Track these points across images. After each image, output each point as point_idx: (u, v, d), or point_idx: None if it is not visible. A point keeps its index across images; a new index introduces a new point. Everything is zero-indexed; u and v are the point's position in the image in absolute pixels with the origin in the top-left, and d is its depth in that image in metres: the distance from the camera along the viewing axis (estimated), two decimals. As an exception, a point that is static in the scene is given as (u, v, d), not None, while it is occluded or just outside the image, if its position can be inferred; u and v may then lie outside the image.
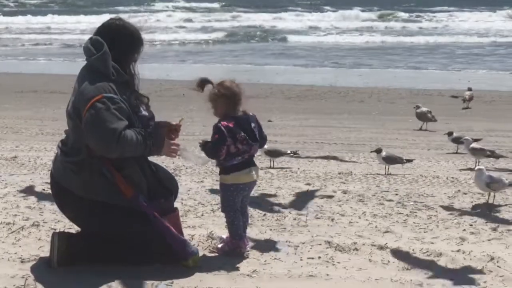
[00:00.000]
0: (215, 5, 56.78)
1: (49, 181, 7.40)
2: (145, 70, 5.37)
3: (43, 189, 7.20)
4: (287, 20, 46.63)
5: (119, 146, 4.65)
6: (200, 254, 5.18)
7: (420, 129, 13.48)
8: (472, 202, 7.02)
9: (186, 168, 8.54)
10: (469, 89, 16.83)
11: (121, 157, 4.75)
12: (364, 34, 38.81)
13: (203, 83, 5.15)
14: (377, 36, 37.89)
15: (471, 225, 6.19)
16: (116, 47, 4.89)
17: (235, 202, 5.21)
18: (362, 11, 50.06)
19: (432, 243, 5.65)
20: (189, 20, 45.96)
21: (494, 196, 6.99)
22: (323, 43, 35.05)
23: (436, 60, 27.61)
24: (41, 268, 4.87)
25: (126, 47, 4.96)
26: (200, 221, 6.18)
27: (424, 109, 13.62)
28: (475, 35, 37.92)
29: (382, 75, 22.88)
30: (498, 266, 5.04)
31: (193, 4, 56.48)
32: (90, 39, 4.94)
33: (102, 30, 4.98)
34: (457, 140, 10.19)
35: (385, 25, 43.26)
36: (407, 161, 8.81)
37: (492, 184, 6.78)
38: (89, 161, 4.78)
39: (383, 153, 8.62)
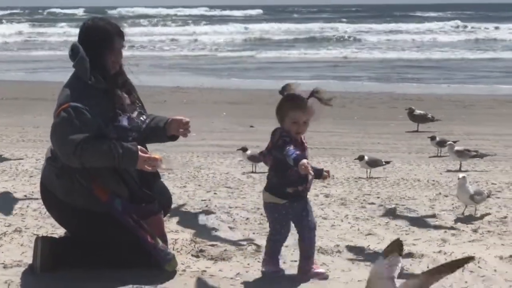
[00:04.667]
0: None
1: (30, 187, 7.44)
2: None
3: (25, 196, 7.18)
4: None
5: (76, 157, 4.62)
6: (184, 258, 5.20)
7: (417, 131, 13.58)
8: (452, 204, 7.07)
9: (169, 173, 8.54)
10: None
11: (86, 166, 4.71)
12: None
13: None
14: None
15: (452, 227, 6.24)
16: (91, 48, 4.82)
17: None
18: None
19: (414, 244, 5.69)
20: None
21: (476, 209, 6.71)
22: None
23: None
24: (24, 274, 4.85)
25: (98, 46, 4.83)
26: (183, 225, 6.19)
27: (421, 111, 13.82)
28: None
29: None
30: (479, 267, 5.09)
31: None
32: (72, 45, 4.93)
33: (79, 34, 4.95)
34: (442, 144, 10.31)
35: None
36: (386, 163, 8.91)
37: (475, 197, 6.55)
38: (68, 167, 4.77)
39: (366, 158, 8.69)
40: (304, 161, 4.42)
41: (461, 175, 6.71)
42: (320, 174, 4.88)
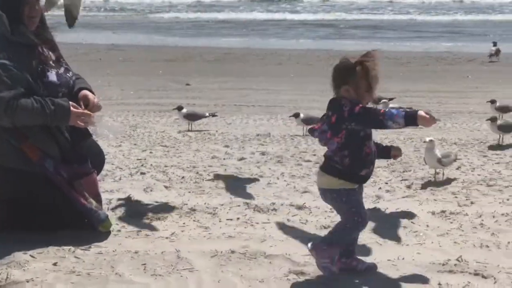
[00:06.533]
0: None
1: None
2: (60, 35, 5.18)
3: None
4: None
5: (7, 115, 4.52)
6: (119, 217, 5.15)
7: None
8: (387, 161, 7.13)
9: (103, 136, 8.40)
10: (494, 44, 18.27)
11: (18, 125, 4.60)
12: None
13: None
14: None
15: (386, 183, 6.32)
16: (5, 4, 4.67)
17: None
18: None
19: (349, 201, 5.73)
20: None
21: (443, 173, 6.51)
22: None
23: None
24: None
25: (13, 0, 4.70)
26: (118, 185, 6.13)
27: None
28: None
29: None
30: (412, 222, 5.16)
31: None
32: None
33: None
34: (377, 101, 10.42)
35: None
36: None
37: (443, 160, 6.37)
38: None
39: (301, 115, 8.70)
40: (421, 112, 3.73)
41: (428, 138, 6.47)
42: (388, 153, 4.23)
